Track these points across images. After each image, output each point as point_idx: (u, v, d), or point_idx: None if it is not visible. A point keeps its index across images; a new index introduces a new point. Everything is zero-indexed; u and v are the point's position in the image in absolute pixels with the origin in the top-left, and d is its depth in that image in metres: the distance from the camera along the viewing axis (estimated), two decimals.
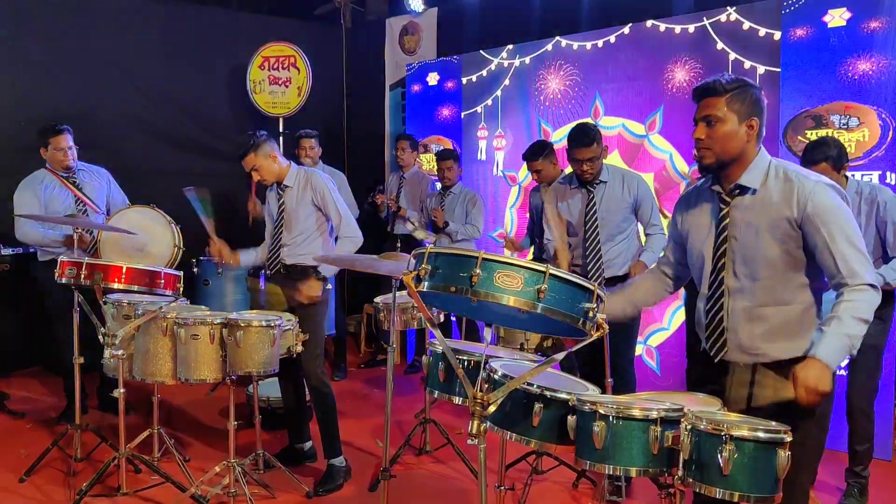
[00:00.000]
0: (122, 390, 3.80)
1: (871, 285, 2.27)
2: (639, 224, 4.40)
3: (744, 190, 2.42)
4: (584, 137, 4.11)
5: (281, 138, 7.02)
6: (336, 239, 4.18)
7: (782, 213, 2.34)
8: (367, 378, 6.51)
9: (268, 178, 4.10)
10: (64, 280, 3.81)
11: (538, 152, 4.96)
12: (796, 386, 2.16)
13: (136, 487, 3.97)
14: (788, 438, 2.02)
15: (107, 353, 3.75)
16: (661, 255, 2.78)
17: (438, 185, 6.24)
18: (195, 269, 6.06)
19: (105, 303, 3.92)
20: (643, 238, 4.45)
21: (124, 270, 3.78)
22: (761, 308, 2.39)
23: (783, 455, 2.00)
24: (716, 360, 2.48)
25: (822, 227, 2.28)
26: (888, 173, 4.41)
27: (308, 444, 4.48)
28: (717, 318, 2.47)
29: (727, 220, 2.44)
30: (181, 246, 4.59)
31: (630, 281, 2.85)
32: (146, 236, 4.56)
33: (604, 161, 4.26)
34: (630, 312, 2.79)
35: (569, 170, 4.52)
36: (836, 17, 4.57)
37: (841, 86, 4.56)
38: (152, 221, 4.61)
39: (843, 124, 4.50)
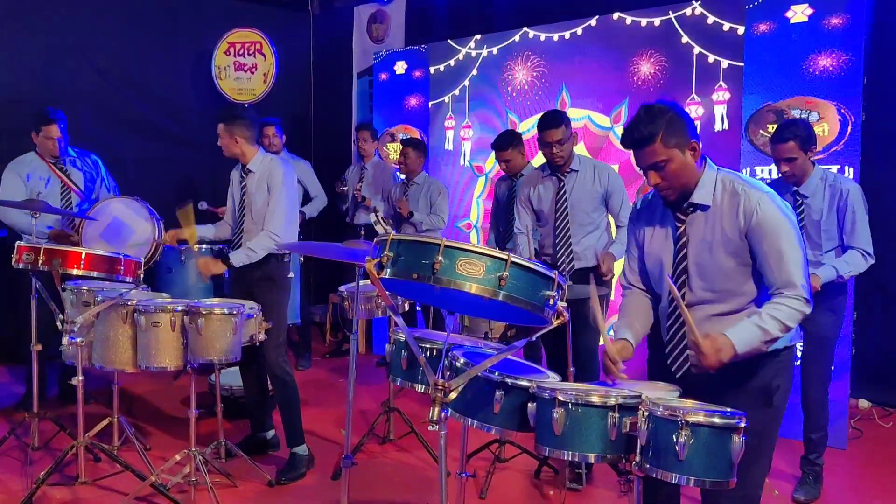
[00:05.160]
0: (80, 378, 3.73)
1: (805, 298, 2.34)
2: (609, 216, 4.43)
3: (696, 207, 2.46)
4: (553, 119, 4.15)
5: None
6: (302, 226, 4.16)
7: (731, 228, 2.39)
8: (332, 367, 6.49)
9: (225, 152, 4.16)
10: (21, 265, 3.74)
11: (507, 142, 4.97)
12: (705, 340, 2.26)
13: (95, 476, 3.93)
14: (743, 424, 2.05)
15: (65, 339, 3.70)
16: (630, 271, 2.77)
17: (399, 175, 6.24)
18: (158, 259, 5.99)
19: (64, 289, 3.86)
20: (614, 231, 4.48)
21: (83, 256, 3.72)
22: (723, 317, 2.45)
23: (738, 440, 2.03)
24: (678, 376, 2.53)
25: (764, 239, 2.34)
26: (846, 167, 4.49)
27: (271, 433, 4.47)
28: (678, 334, 2.51)
29: (685, 238, 2.48)
30: (161, 241, 4.54)
31: (623, 308, 2.78)
32: (128, 228, 4.52)
33: (575, 152, 4.28)
34: (643, 334, 2.71)
35: (536, 161, 4.55)
36: (799, 13, 4.64)
37: (802, 81, 4.63)
38: (135, 213, 4.57)
39: (804, 119, 4.57)
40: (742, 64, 4.85)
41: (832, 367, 3.98)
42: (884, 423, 5.03)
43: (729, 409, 2.11)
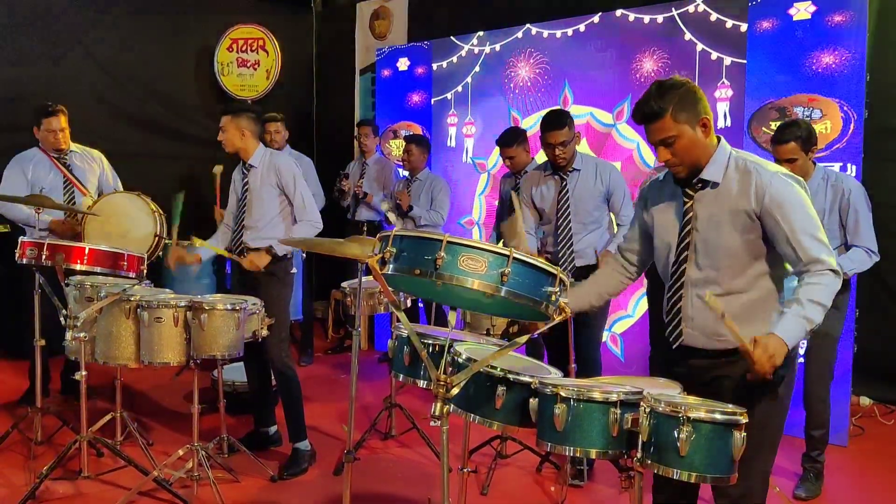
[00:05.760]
0: (83, 373, 3.74)
1: (833, 270, 2.30)
2: (611, 213, 4.43)
3: (705, 183, 2.45)
4: (557, 121, 4.14)
5: None
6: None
7: (741, 205, 2.37)
8: (335, 363, 6.50)
9: (227, 146, 4.13)
10: (25, 260, 3.76)
11: (512, 139, 4.97)
12: (755, 348, 2.16)
13: (97, 471, 3.94)
14: (744, 420, 2.06)
15: (68, 335, 3.70)
16: (624, 240, 2.81)
17: (402, 171, 6.26)
18: (160, 253, 6.01)
19: (67, 284, 3.87)
20: (616, 228, 4.47)
21: (87, 251, 3.74)
22: (723, 296, 2.42)
23: (739, 437, 2.04)
24: (674, 347, 2.53)
25: (780, 219, 2.32)
26: (849, 165, 4.49)
27: (273, 429, 4.48)
28: (676, 307, 2.51)
29: (691, 214, 2.48)
30: (163, 235, 4.54)
31: (594, 273, 2.88)
32: (130, 223, 4.53)
33: (578, 150, 4.28)
34: (596, 304, 2.80)
35: (539, 157, 4.54)
36: (802, 11, 4.64)
37: (805, 78, 4.63)
38: (136, 208, 4.57)
39: (807, 116, 4.56)
40: (745, 61, 4.84)
41: (834, 364, 3.98)
42: (885, 420, 5.04)
43: (731, 406, 2.11)
